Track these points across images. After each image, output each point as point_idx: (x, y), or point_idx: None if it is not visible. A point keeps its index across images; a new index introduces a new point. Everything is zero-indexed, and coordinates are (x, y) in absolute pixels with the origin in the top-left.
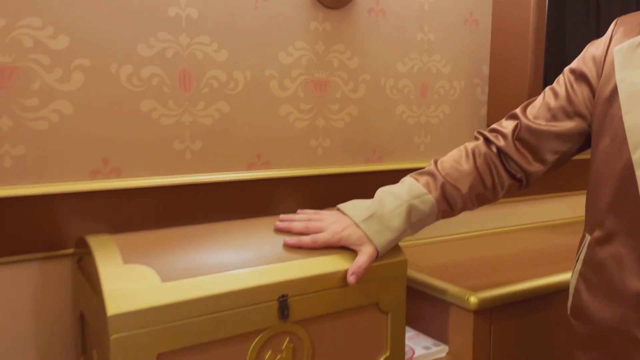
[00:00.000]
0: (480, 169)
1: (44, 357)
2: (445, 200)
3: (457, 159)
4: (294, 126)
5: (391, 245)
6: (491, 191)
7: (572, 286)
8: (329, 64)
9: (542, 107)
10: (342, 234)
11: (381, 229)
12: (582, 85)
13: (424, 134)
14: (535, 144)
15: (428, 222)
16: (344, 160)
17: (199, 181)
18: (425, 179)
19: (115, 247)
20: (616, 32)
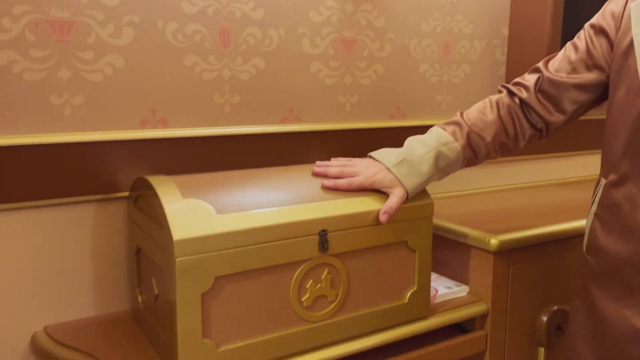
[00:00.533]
0: (504, 119)
1: (101, 290)
2: (471, 148)
3: (482, 109)
4: (324, 83)
5: (420, 189)
6: (513, 140)
7: (587, 226)
8: (357, 23)
9: (563, 61)
10: (375, 177)
11: (411, 172)
12: (601, 39)
13: (446, 92)
14: (556, 95)
15: (454, 169)
16: (370, 116)
17: (237, 133)
18: (452, 128)
19: (174, 185)
20: None
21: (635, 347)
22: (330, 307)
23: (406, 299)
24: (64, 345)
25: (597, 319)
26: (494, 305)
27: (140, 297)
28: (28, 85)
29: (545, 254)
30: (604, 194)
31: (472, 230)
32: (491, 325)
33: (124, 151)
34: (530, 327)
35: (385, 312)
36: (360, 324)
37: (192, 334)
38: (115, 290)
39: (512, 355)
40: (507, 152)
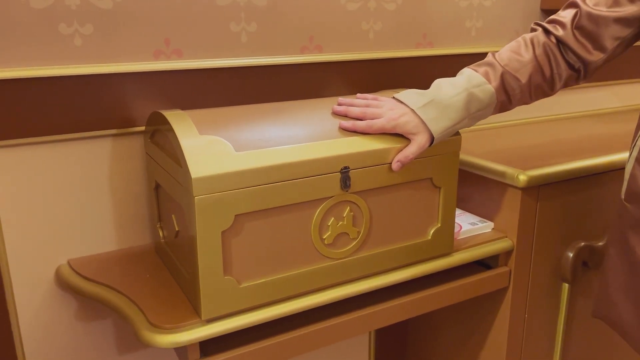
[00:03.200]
0: (539, 59)
1: (123, 224)
2: (504, 90)
3: (516, 49)
4: (346, 8)
5: (448, 134)
6: (550, 82)
7: (627, 172)
8: None
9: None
10: (399, 120)
11: (439, 115)
12: None
13: (476, 18)
14: (595, 32)
15: (486, 114)
16: (395, 44)
17: (255, 64)
18: (484, 69)
19: (190, 120)
20: None
21: None
22: (352, 244)
23: (429, 236)
24: (87, 279)
25: (635, 268)
26: (519, 242)
27: (162, 232)
28: (35, 13)
29: (574, 189)
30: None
31: (499, 165)
32: (515, 261)
33: (138, 84)
34: (555, 263)
35: (408, 249)
36: (383, 261)
37: (213, 271)
38: (136, 225)
39: (535, 291)
40: (542, 95)
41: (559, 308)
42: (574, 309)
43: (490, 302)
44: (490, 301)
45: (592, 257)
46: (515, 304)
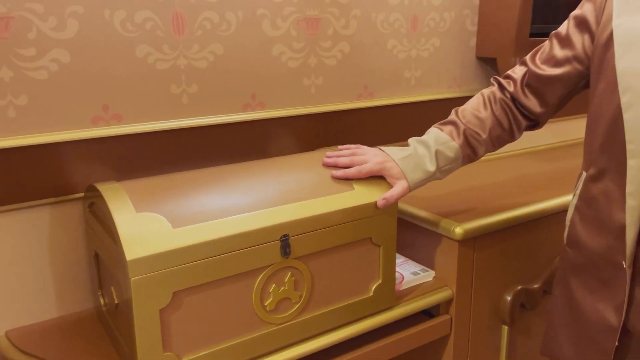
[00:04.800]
0: (497, 114)
1: (64, 291)
2: (469, 145)
3: (476, 106)
4: (287, 65)
5: (420, 185)
6: (509, 132)
7: (568, 218)
8: (320, 1)
9: (548, 54)
10: (385, 164)
11: (415, 168)
12: (583, 32)
13: (415, 68)
14: (541, 89)
15: (454, 167)
16: (337, 97)
17: (197, 124)
18: (448, 128)
19: (126, 195)
20: None
21: (607, 340)
22: (295, 308)
23: (371, 292)
24: (26, 353)
25: (575, 310)
26: (459, 290)
27: (103, 300)
28: None
29: (509, 236)
30: (584, 187)
31: (437, 217)
32: (456, 309)
33: (76, 151)
34: (494, 307)
35: (351, 307)
36: (326, 321)
37: (152, 348)
38: (78, 291)
39: (476, 335)
40: (505, 143)
41: (499, 350)
42: (514, 349)
43: (432, 350)
44: (433, 348)
45: (529, 299)
46: (457, 350)
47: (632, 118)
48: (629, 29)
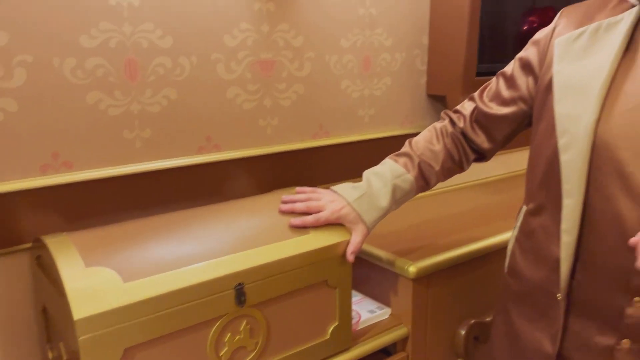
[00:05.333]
0: (449, 147)
1: (8, 348)
2: (422, 177)
3: (429, 139)
4: (242, 107)
5: (378, 222)
6: (459, 164)
7: (509, 249)
8: (274, 44)
9: (494, 92)
10: (341, 212)
11: (370, 207)
12: (527, 73)
13: (368, 107)
14: (488, 126)
15: (409, 198)
16: (293, 137)
17: (151, 169)
18: (403, 160)
19: (74, 248)
20: (559, 23)
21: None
22: (250, 356)
23: (328, 335)
24: None
25: (514, 338)
26: (414, 327)
27: (51, 354)
28: None
29: (462, 272)
30: (524, 221)
31: (391, 255)
32: (412, 346)
33: (24, 201)
34: (449, 341)
35: (308, 351)
36: None
37: None
38: (25, 345)
39: None
40: (454, 174)
41: None
42: None
43: None
44: None
45: (483, 332)
46: None
47: (568, 160)
48: (568, 75)
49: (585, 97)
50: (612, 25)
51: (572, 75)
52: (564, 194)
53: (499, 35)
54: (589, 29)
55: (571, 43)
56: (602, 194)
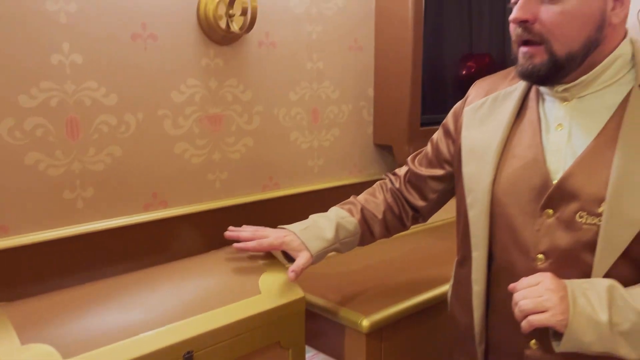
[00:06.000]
0: (389, 201)
1: None
2: (365, 222)
3: (372, 192)
4: (190, 162)
5: (322, 254)
6: (399, 219)
7: (449, 296)
8: (223, 99)
9: (424, 156)
10: (285, 239)
11: (315, 237)
12: (447, 139)
13: (317, 157)
14: (419, 185)
15: (353, 242)
16: (242, 190)
17: (94, 229)
18: (347, 206)
19: (9, 323)
20: (471, 93)
21: None
22: None
23: None
24: None
25: None
26: None
27: None
28: None
29: (414, 322)
30: (455, 270)
31: (343, 309)
32: None
33: None
34: None
35: None
36: None
37: None
38: None
39: None
40: (397, 230)
41: None
42: None
43: None
44: None
45: None
46: None
47: (474, 215)
48: (471, 140)
49: (484, 160)
50: (508, 94)
51: (475, 140)
52: (472, 247)
53: (440, 81)
54: (490, 98)
55: (475, 111)
56: (500, 246)
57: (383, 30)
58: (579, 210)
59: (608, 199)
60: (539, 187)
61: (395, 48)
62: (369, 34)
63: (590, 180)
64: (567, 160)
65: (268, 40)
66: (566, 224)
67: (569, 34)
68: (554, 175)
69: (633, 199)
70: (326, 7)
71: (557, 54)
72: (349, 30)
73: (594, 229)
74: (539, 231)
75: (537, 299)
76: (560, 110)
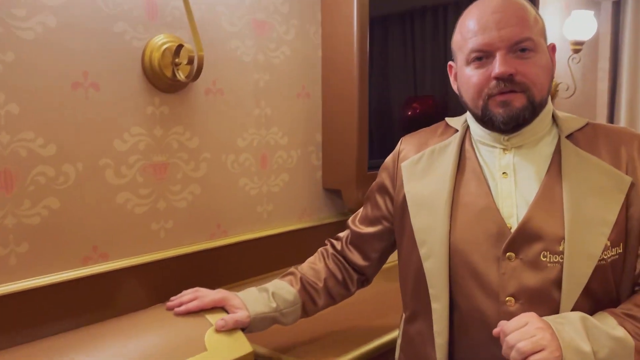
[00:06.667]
0: (331, 267)
1: None
2: (306, 291)
3: (313, 261)
4: (133, 212)
5: (260, 320)
6: (343, 284)
7: (396, 354)
8: (169, 147)
9: (362, 215)
10: (226, 295)
11: (256, 301)
12: (384, 196)
13: (266, 203)
14: (362, 246)
15: (295, 312)
16: (189, 239)
17: (28, 287)
18: (288, 277)
19: None
20: (402, 149)
21: None
22: None
23: None
24: None
25: None
26: None
27: None
28: None
29: None
30: (404, 328)
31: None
32: None
33: None
34: None
35: None
36: None
37: None
38: None
39: None
40: (341, 297)
41: None
42: None
43: None
44: None
45: None
46: None
47: (430, 267)
48: (416, 192)
49: (435, 211)
50: (443, 148)
51: (420, 192)
52: (431, 299)
53: (387, 123)
54: (426, 153)
55: (414, 166)
56: (463, 295)
57: (330, 77)
58: (543, 250)
59: (567, 237)
60: (496, 233)
61: (342, 94)
62: (316, 81)
63: (548, 222)
64: (519, 205)
65: (215, 88)
66: (532, 265)
67: (544, 83)
68: (508, 221)
69: (587, 235)
70: (274, 55)
71: (535, 100)
72: (297, 78)
73: (557, 267)
74: (504, 274)
75: (532, 339)
76: (502, 160)
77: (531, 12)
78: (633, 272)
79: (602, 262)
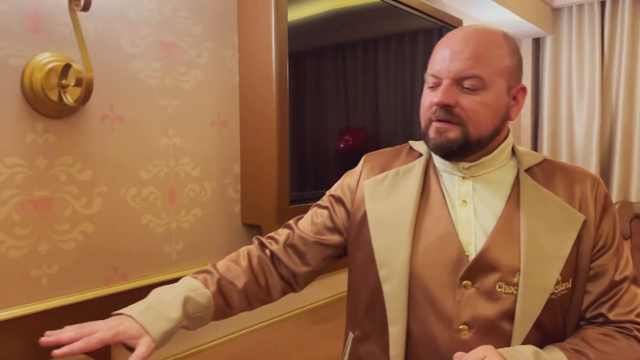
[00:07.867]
0: (255, 270)
1: None
2: (222, 295)
3: (234, 259)
4: (7, 256)
5: (168, 335)
6: (265, 291)
7: None
8: (54, 179)
9: (311, 222)
10: (119, 328)
11: (157, 319)
12: (340, 208)
13: (175, 241)
14: (303, 250)
15: (206, 317)
16: (79, 286)
17: None
18: (202, 276)
19: None
20: (365, 167)
21: None
22: None
23: None
24: None
25: None
26: None
27: None
28: None
29: None
30: (352, 348)
31: None
32: None
33: None
34: None
35: None
36: None
37: None
38: None
39: None
40: (261, 302)
41: None
42: None
43: None
44: None
45: None
46: None
47: (390, 289)
48: (379, 212)
49: (397, 233)
50: (408, 170)
51: (382, 212)
52: (389, 322)
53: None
54: (390, 173)
55: (377, 185)
56: (419, 320)
57: (248, 105)
58: (499, 280)
59: (522, 269)
60: (455, 259)
61: (261, 123)
62: (233, 108)
63: (505, 253)
64: (478, 233)
65: (113, 114)
66: (487, 294)
67: (483, 121)
68: (466, 248)
69: (541, 269)
70: (184, 79)
71: (470, 136)
72: (211, 105)
73: (512, 298)
74: (459, 302)
75: None
76: (462, 188)
77: (496, 50)
78: (580, 307)
79: (553, 295)
